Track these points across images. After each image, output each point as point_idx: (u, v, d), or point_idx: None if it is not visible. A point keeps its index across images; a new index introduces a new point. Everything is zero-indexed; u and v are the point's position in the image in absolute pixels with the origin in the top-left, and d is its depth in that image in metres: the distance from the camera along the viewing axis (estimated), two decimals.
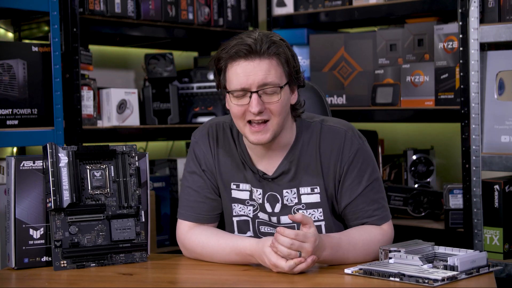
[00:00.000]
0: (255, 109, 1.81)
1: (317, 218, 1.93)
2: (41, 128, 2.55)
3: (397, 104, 3.00)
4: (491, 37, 2.60)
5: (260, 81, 1.81)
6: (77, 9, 2.73)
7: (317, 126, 1.94)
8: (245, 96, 1.83)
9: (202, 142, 2.00)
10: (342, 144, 1.90)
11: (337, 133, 1.93)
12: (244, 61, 1.82)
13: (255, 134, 1.84)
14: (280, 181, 1.93)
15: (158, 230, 3.15)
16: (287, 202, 1.93)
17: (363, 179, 1.91)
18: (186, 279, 1.80)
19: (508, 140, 2.60)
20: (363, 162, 1.91)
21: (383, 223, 1.92)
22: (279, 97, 1.83)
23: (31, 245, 1.87)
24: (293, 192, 1.93)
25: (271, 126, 1.84)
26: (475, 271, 1.66)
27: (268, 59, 1.82)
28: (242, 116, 1.85)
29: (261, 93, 1.82)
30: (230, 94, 1.85)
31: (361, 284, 1.64)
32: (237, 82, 1.83)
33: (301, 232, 1.70)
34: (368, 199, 1.91)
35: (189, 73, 3.34)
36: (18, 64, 2.50)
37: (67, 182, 1.87)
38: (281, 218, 1.94)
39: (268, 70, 1.82)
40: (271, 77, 1.82)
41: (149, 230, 1.97)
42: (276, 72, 1.83)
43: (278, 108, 1.83)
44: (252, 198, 1.96)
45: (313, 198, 1.92)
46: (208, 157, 1.99)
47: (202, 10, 3.23)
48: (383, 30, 3.12)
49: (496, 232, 2.59)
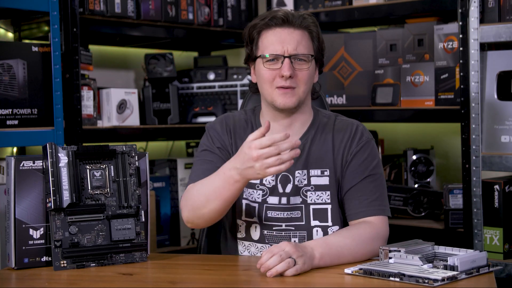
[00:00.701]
0: (287, 72, 1.93)
1: (324, 201, 1.98)
2: (41, 128, 2.55)
3: (397, 104, 3.00)
4: (491, 37, 2.60)
5: (293, 48, 1.95)
6: (77, 9, 2.73)
7: (332, 118, 2.07)
8: (277, 62, 1.96)
9: (219, 126, 2.07)
10: (353, 133, 2.01)
11: (350, 124, 2.04)
12: (279, 28, 1.97)
13: (283, 97, 1.95)
14: (294, 161, 1.95)
15: (158, 230, 3.15)
16: (298, 183, 1.99)
17: (367, 168, 1.98)
18: (186, 279, 1.80)
19: (508, 140, 2.60)
20: (370, 154, 2.00)
21: (379, 214, 1.94)
22: (308, 65, 1.97)
23: (31, 245, 1.87)
24: (304, 173, 1.99)
25: (297, 93, 1.96)
26: (475, 271, 1.66)
27: (300, 31, 1.98)
28: (272, 81, 1.96)
29: (293, 60, 1.95)
30: (263, 59, 1.97)
31: (361, 284, 1.64)
32: (272, 47, 1.96)
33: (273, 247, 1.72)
34: (367, 189, 1.96)
35: (189, 73, 3.34)
36: (18, 64, 2.50)
37: (67, 182, 1.87)
38: (291, 199, 1.98)
39: (300, 39, 1.97)
40: (302, 46, 1.96)
41: (149, 230, 1.97)
42: (307, 44, 1.98)
43: (306, 76, 1.96)
44: (262, 182, 2.00)
45: (322, 180, 1.99)
46: (225, 139, 2.05)
47: (202, 10, 3.23)
48: (383, 30, 3.12)
49: (496, 232, 2.59)
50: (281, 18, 1.96)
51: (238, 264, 1.91)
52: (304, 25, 1.98)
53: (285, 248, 1.71)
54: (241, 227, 2.03)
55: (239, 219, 2.03)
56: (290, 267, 1.69)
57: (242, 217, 2.02)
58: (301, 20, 1.98)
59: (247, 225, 2.02)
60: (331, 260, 1.79)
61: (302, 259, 1.71)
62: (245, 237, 2.03)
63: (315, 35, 2.00)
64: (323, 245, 1.80)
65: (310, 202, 1.98)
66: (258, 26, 1.99)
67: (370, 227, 1.91)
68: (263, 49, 1.98)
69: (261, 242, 2.00)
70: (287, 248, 1.71)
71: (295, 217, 1.99)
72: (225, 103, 3.30)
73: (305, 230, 1.98)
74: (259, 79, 2.01)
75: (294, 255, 1.70)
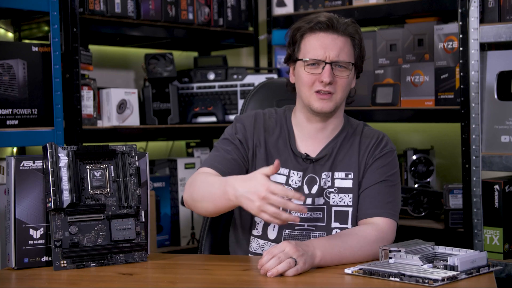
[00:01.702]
0: (327, 79, 1.94)
1: (346, 203, 1.99)
2: (41, 128, 2.55)
3: (397, 104, 3.00)
4: (491, 37, 2.60)
5: (335, 55, 1.96)
6: (77, 9, 2.73)
7: (360, 125, 2.10)
8: (318, 66, 1.97)
9: (247, 121, 2.08)
10: (378, 141, 2.05)
11: (377, 133, 2.07)
12: (323, 33, 1.98)
13: (320, 102, 1.97)
14: (321, 163, 2.01)
15: (158, 230, 3.15)
16: (323, 184, 2.00)
17: (385, 174, 2.00)
18: (186, 279, 1.80)
19: (508, 140, 2.60)
20: (390, 163, 2.02)
21: (388, 217, 1.94)
22: (348, 73, 1.98)
23: (31, 245, 1.87)
24: (329, 175, 2.01)
25: (334, 99, 1.98)
26: (475, 271, 1.66)
27: (344, 37, 1.99)
28: (311, 85, 1.97)
29: (334, 66, 1.96)
30: (304, 62, 1.98)
31: (361, 284, 1.64)
32: (314, 52, 1.97)
33: (272, 247, 1.72)
34: (383, 192, 1.97)
35: (189, 73, 3.34)
36: (18, 64, 2.50)
37: (67, 182, 1.86)
38: (316, 200, 2.00)
39: (343, 46, 1.98)
40: (344, 54, 1.98)
41: (149, 230, 1.97)
42: (349, 51, 1.99)
43: (345, 83, 1.98)
44: (288, 183, 2.01)
45: (346, 183, 2.00)
46: (250, 134, 2.05)
47: (202, 10, 3.23)
48: (383, 30, 3.12)
49: (496, 232, 2.59)
50: (326, 23, 1.97)
51: (238, 264, 1.91)
52: (348, 32, 1.99)
53: (285, 248, 1.70)
54: (259, 225, 2.03)
55: (258, 217, 2.02)
56: (291, 267, 1.68)
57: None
58: (345, 27, 1.98)
59: (265, 223, 2.02)
60: (332, 260, 1.79)
61: (303, 258, 1.71)
62: (261, 235, 2.03)
63: (357, 42, 2.01)
64: (325, 244, 1.79)
65: (333, 204, 1.99)
66: (303, 29, 1.99)
67: (376, 229, 1.90)
68: (305, 52, 1.99)
69: (277, 242, 1.99)
70: (287, 249, 1.70)
71: (317, 218, 1.99)
72: (225, 103, 3.30)
73: (324, 231, 1.99)
74: (298, 81, 2.02)
75: (294, 255, 1.70)
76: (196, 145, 3.56)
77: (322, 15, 2.00)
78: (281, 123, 2.08)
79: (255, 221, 2.04)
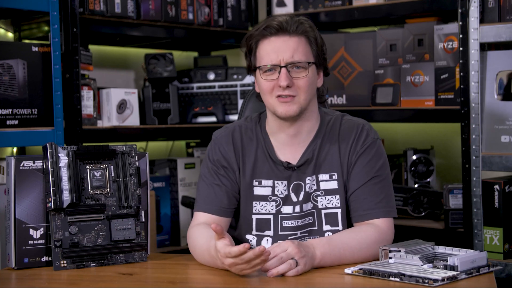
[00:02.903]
0: (284, 82, 1.89)
1: (334, 205, 1.96)
2: (41, 128, 2.55)
3: (397, 104, 3.00)
4: (491, 37, 2.60)
5: (289, 56, 1.90)
6: (77, 9, 2.73)
7: (338, 119, 2.03)
8: (274, 72, 1.92)
9: (225, 142, 2.03)
10: (358, 134, 1.98)
11: (356, 124, 2.01)
12: (274, 37, 1.92)
13: (283, 105, 1.91)
14: (305, 169, 1.98)
15: (158, 230, 3.15)
16: (309, 189, 1.97)
17: (372, 169, 1.96)
18: (186, 279, 1.80)
19: (508, 140, 2.60)
20: (375, 154, 1.97)
21: (383, 217, 1.92)
22: (306, 72, 1.92)
23: (31, 245, 1.87)
24: (313, 178, 1.97)
25: (298, 101, 1.92)
26: (475, 271, 1.66)
27: (297, 37, 1.92)
28: (271, 92, 1.93)
29: (290, 68, 1.91)
30: (260, 70, 1.94)
31: (361, 284, 1.64)
32: (268, 57, 1.92)
33: (274, 245, 1.72)
34: (372, 191, 1.94)
35: (189, 73, 3.34)
36: (18, 64, 2.50)
37: (67, 182, 1.86)
38: (303, 206, 1.97)
39: (296, 46, 1.91)
40: (299, 54, 1.91)
41: (149, 230, 1.97)
42: (304, 50, 1.93)
43: (305, 84, 1.92)
44: (275, 193, 1.98)
45: (331, 184, 1.97)
46: (231, 157, 2.01)
47: (202, 10, 3.23)
48: (383, 30, 3.12)
49: (496, 232, 2.59)
50: (276, 26, 1.91)
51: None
52: (300, 30, 1.92)
53: (287, 248, 1.70)
54: (252, 241, 2.01)
55: (250, 234, 2.01)
56: (292, 269, 1.68)
57: (252, 232, 2.00)
58: (297, 26, 1.92)
59: (258, 239, 2.00)
60: (332, 261, 1.79)
61: (304, 260, 1.70)
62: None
63: (312, 40, 1.95)
64: (325, 245, 1.79)
65: (321, 207, 1.97)
66: (254, 36, 1.95)
67: (375, 230, 1.89)
68: (260, 59, 1.94)
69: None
70: (289, 249, 1.70)
71: (308, 223, 1.98)
72: (225, 103, 3.30)
73: (317, 235, 1.97)
74: (260, 90, 1.98)
75: (296, 256, 1.69)
76: (196, 145, 3.56)
77: (273, 19, 1.94)
78: (257, 134, 2.03)
79: (247, 239, 2.01)
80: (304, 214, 1.97)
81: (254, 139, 2.02)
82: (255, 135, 2.03)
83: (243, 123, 2.06)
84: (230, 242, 1.71)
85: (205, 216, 1.98)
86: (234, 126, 2.06)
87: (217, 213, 1.98)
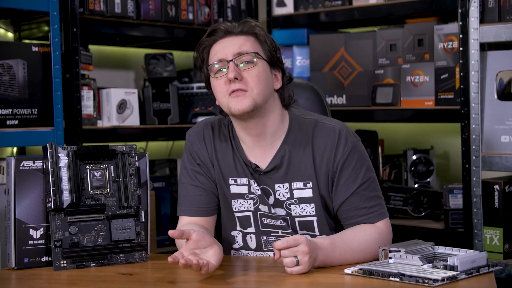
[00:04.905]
0: (232, 74, 1.84)
1: (309, 213, 1.93)
2: (41, 128, 2.55)
3: (397, 104, 3.00)
4: (491, 37, 2.60)
5: (235, 50, 1.87)
6: (77, 9, 2.73)
7: (311, 123, 1.95)
8: (224, 70, 1.88)
9: (197, 139, 2.02)
10: (336, 141, 1.91)
11: (331, 130, 1.92)
12: (222, 40, 1.91)
13: (235, 100, 1.86)
14: (273, 175, 1.94)
15: (158, 230, 3.15)
16: (279, 196, 1.94)
17: (358, 176, 1.90)
18: (186, 279, 1.80)
19: (508, 140, 2.60)
20: (358, 160, 1.91)
21: (379, 220, 1.91)
22: (254, 64, 1.87)
23: (31, 245, 1.87)
24: (285, 187, 1.94)
25: (250, 95, 1.86)
26: (475, 271, 1.66)
27: (244, 36, 1.91)
28: (225, 92, 1.87)
29: (238, 62, 1.87)
30: (212, 73, 1.90)
31: (361, 284, 1.64)
32: (215, 57, 1.90)
33: (290, 238, 1.70)
34: (363, 197, 1.91)
35: (189, 73, 3.34)
36: (18, 64, 2.50)
37: (67, 182, 1.87)
38: (276, 210, 1.95)
39: (244, 42, 1.89)
40: (246, 47, 1.89)
41: (149, 230, 1.97)
42: (252, 45, 1.90)
43: (255, 77, 1.87)
44: (251, 191, 1.96)
45: (306, 193, 1.93)
46: (204, 153, 2.00)
47: (202, 10, 3.23)
48: (383, 30, 3.12)
49: (496, 232, 2.59)
50: (223, 29, 1.90)
51: (238, 264, 1.91)
52: (246, 29, 1.90)
53: (300, 244, 1.68)
54: (238, 237, 2.01)
55: (235, 230, 2.01)
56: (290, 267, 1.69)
57: (237, 227, 2.00)
58: (242, 26, 1.90)
59: (243, 235, 2.00)
60: (331, 262, 1.79)
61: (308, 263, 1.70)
62: (242, 246, 2.01)
63: (262, 38, 1.91)
64: (328, 246, 1.78)
65: (295, 215, 1.94)
66: (203, 44, 1.93)
67: (376, 232, 1.88)
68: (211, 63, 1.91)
69: (258, 250, 1.99)
70: (301, 246, 1.68)
71: (281, 226, 1.95)
72: None
73: None
74: (215, 95, 1.92)
75: (306, 257, 1.68)
76: None
77: (219, 24, 1.92)
78: (228, 133, 2.00)
79: (233, 235, 2.01)
80: (275, 216, 1.95)
81: (228, 137, 2.00)
82: (228, 132, 2.00)
83: (218, 120, 2.04)
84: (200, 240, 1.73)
85: (187, 219, 1.99)
86: (205, 122, 2.04)
87: (198, 215, 1.98)
